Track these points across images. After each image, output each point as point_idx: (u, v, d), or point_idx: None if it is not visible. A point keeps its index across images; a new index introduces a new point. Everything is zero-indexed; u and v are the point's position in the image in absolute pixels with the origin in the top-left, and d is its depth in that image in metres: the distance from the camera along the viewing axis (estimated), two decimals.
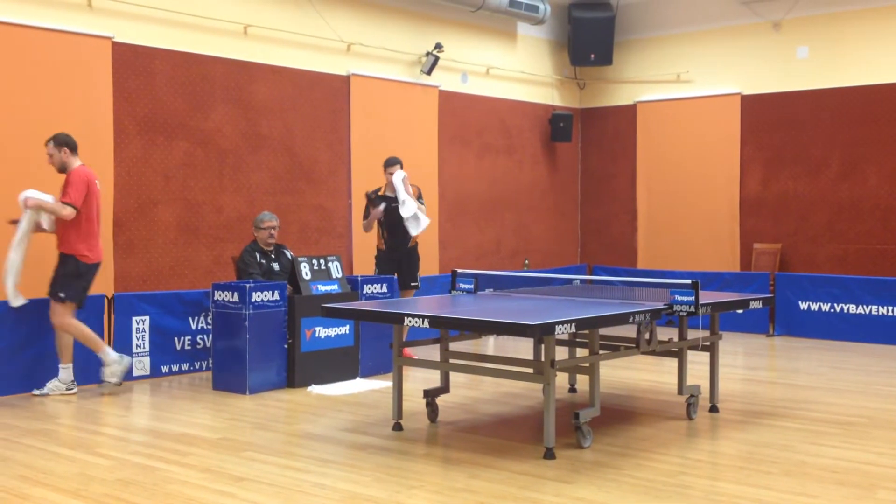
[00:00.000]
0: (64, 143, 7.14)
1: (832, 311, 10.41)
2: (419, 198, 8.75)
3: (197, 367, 8.18)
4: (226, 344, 7.37)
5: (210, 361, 7.91)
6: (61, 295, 7.05)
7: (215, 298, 7.47)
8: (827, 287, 10.47)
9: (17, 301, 7.03)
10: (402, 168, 8.72)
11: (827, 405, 6.84)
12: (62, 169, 7.14)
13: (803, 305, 10.60)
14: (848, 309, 10.30)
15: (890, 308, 10.02)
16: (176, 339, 8.05)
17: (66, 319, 7.07)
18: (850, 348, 9.77)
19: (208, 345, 8.12)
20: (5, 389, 7.07)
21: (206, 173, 9.04)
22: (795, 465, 5.16)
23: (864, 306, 10.18)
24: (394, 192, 8.63)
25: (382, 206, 8.63)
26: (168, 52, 8.74)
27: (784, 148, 11.82)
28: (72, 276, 7.08)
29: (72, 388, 7.16)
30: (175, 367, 8.04)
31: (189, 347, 8.13)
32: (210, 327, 8.01)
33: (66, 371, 7.18)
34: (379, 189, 8.84)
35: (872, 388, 7.54)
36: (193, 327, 8.15)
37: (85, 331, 7.14)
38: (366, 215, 8.80)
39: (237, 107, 9.30)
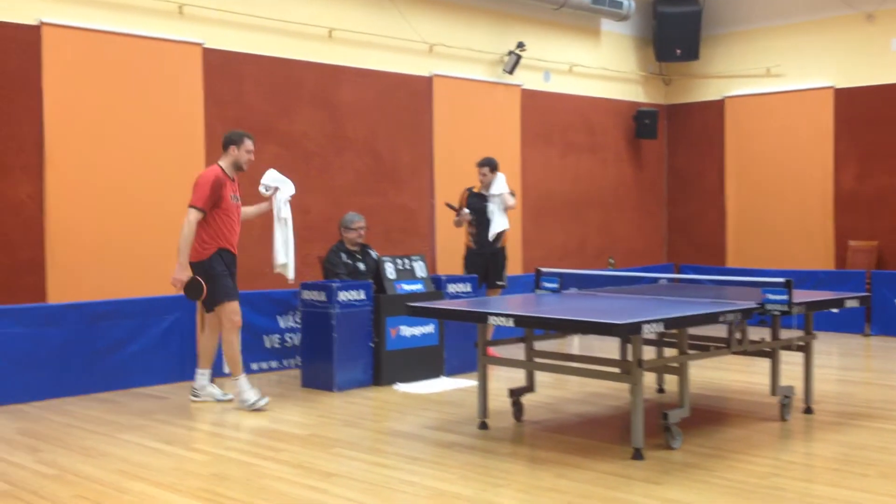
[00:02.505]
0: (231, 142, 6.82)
1: None
2: (511, 194, 8.83)
3: (285, 364, 8.34)
4: (314, 342, 7.50)
5: (298, 359, 8.06)
6: None
7: (303, 297, 7.61)
8: None
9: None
10: (493, 169, 8.74)
11: None
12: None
13: None
14: None
15: None
16: (265, 337, 8.23)
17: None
18: None
19: (296, 343, 8.28)
20: (104, 385, 7.34)
21: (292, 175, 9.10)
22: (892, 468, 4.99)
23: None
24: (487, 191, 8.68)
25: (466, 212, 8.67)
26: (256, 57, 8.94)
27: (879, 142, 11.42)
28: None
29: (227, 396, 6.97)
30: (265, 365, 8.22)
31: (278, 346, 8.30)
32: (298, 326, 8.16)
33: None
34: (473, 187, 8.88)
35: None
36: (282, 326, 8.32)
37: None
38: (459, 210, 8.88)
39: (322, 109, 9.45)
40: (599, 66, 12.36)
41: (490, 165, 8.76)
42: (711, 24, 12.74)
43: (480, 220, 8.72)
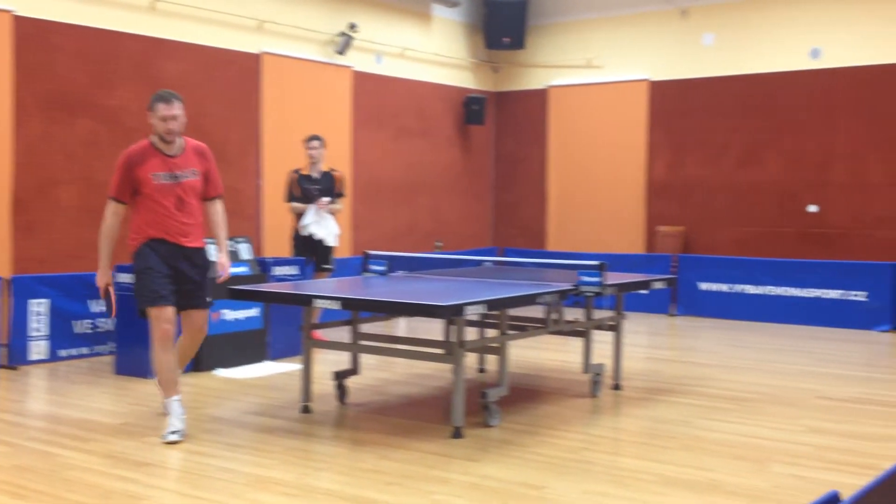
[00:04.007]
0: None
1: (731, 291, 10.79)
2: (342, 188, 8.72)
3: (97, 351, 7.98)
4: (128, 327, 7.21)
5: (112, 345, 7.74)
6: (210, 299, 5.73)
7: (118, 281, 7.29)
8: (726, 268, 10.85)
9: None
10: (322, 143, 8.62)
11: (724, 382, 7.10)
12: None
13: (703, 286, 10.95)
14: (745, 289, 10.69)
15: (785, 288, 10.43)
16: (76, 322, 7.84)
17: None
18: (748, 327, 10.14)
19: (110, 328, 7.94)
20: None
21: (111, 152, 8.78)
22: (693, 440, 5.35)
23: (761, 287, 10.58)
24: (317, 174, 8.59)
25: (326, 200, 8.52)
26: (72, 27, 8.46)
27: (689, 134, 12.15)
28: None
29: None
30: (74, 352, 7.83)
31: (90, 331, 7.93)
32: None
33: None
34: (301, 168, 8.74)
35: (768, 366, 7.85)
36: (94, 310, 7.95)
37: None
38: (290, 197, 8.67)
39: (144, 84, 9.05)
40: (431, 52, 12.49)
41: (322, 140, 8.67)
42: (537, 15, 13.13)
43: (310, 203, 8.61)
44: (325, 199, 8.50)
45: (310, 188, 8.57)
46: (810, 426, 5.71)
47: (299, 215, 8.62)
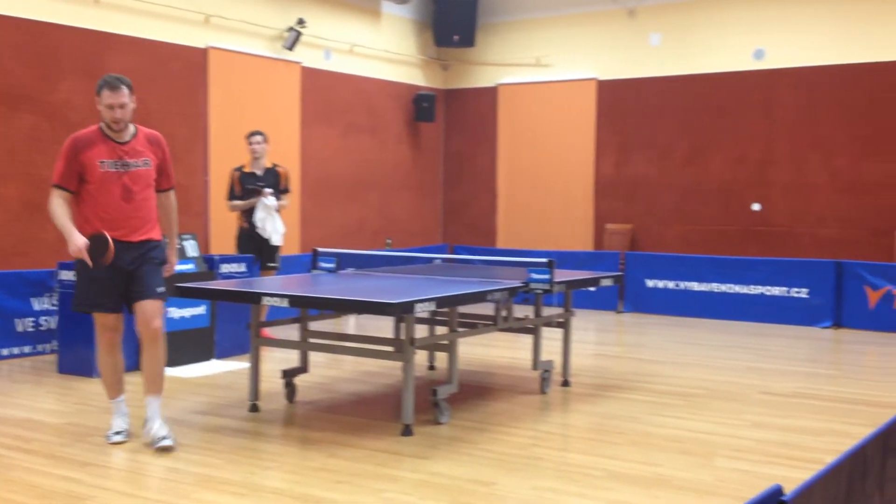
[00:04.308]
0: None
1: (677, 288, 10.95)
2: (287, 184, 8.64)
3: (40, 350, 7.81)
4: (72, 325, 7.07)
5: (55, 344, 7.58)
6: (162, 290, 5.21)
7: (61, 278, 7.15)
8: (672, 266, 11.00)
9: None
10: (265, 138, 8.53)
11: (671, 378, 7.20)
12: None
13: (650, 283, 11.10)
14: (691, 286, 10.86)
15: (730, 285, 10.62)
16: (18, 321, 7.66)
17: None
18: (693, 324, 10.30)
19: (53, 326, 7.77)
20: None
21: (53, 148, 8.57)
22: (641, 436, 5.41)
23: (707, 284, 10.75)
24: (260, 171, 8.50)
25: (269, 200, 8.41)
26: (13, 20, 8.26)
27: (636, 132, 12.29)
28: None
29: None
30: (17, 350, 7.66)
31: (32, 329, 7.76)
32: (55, 308, 7.67)
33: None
34: (243, 166, 8.64)
35: (713, 362, 7.98)
36: (36, 308, 7.78)
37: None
38: (231, 195, 8.57)
39: (88, 79, 8.86)
40: (380, 48, 12.45)
41: (265, 136, 8.57)
42: (487, 13, 13.17)
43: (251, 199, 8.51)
44: (269, 191, 8.40)
45: (254, 185, 8.47)
46: (754, 421, 5.82)
47: (244, 213, 8.52)
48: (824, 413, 6.07)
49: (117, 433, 5.10)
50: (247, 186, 8.47)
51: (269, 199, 8.35)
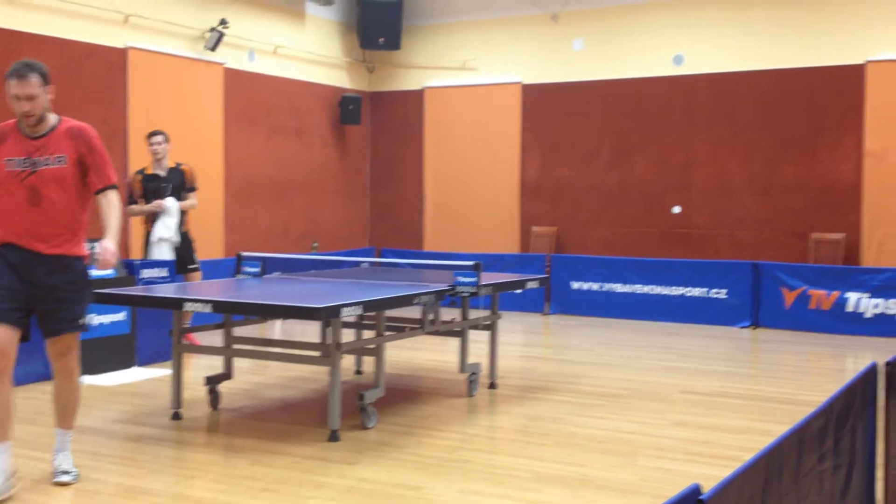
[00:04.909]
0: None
1: (601, 290, 11.12)
2: (193, 182, 8.47)
3: None
4: None
5: None
6: (84, 322, 4.58)
7: None
8: (596, 268, 11.17)
9: None
10: (165, 138, 8.35)
11: (595, 379, 7.31)
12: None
13: (575, 285, 11.25)
14: (615, 288, 11.05)
15: (652, 287, 10.83)
16: None
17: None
18: (617, 325, 10.48)
19: None
20: None
21: None
22: (565, 436, 5.48)
23: (630, 285, 10.95)
24: (163, 171, 8.32)
25: (167, 202, 8.22)
26: None
27: (561, 136, 12.45)
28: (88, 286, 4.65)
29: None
30: None
31: None
32: None
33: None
34: (145, 168, 8.44)
35: (635, 363, 8.13)
36: None
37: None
38: (130, 200, 8.37)
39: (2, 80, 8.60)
40: (304, 50, 12.35)
41: (165, 135, 8.39)
42: (413, 16, 13.17)
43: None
44: (166, 203, 8.21)
45: (159, 187, 8.27)
46: (675, 420, 5.94)
47: (149, 218, 8.31)
48: (743, 411, 6.24)
49: (7, 489, 4.20)
50: (150, 187, 8.27)
51: (171, 208, 8.20)
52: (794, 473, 2.73)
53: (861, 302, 9.78)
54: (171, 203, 8.22)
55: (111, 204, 4.55)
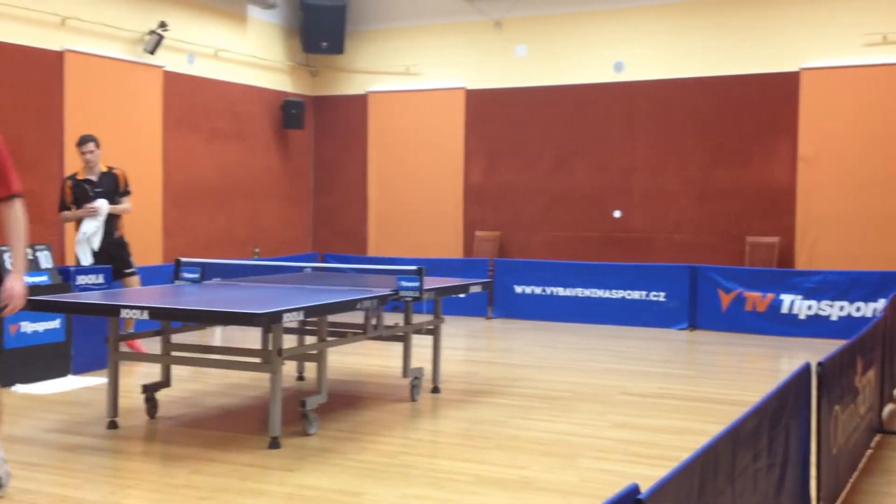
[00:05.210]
0: None
1: (543, 293, 11.21)
2: (126, 186, 8.32)
3: None
4: None
5: None
6: None
7: None
8: (538, 272, 11.26)
9: None
10: (97, 143, 8.19)
11: (537, 381, 7.36)
12: None
13: (518, 289, 11.32)
14: (557, 291, 11.14)
15: (593, 290, 10.95)
16: None
17: None
18: (559, 328, 10.57)
19: None
20: None
21: None
22: (508, 439, 5.51)
23: (571, 289, 11.06)
24: (95, 176, 8.16)
25: (98, 204, 8.05)
26: None
27: (504, 141, 12.52)
28: None
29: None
30: None
31: None
32: None
33: None
34: (76, 174, 8.28)
35: (577, 365, 8.21)
36: None
37: None
38: (62, 206, 8.19)
39: None
40: (246, 53, 12.23)
41: (96, 141, 8.24)
42: (356, 20, 13.14)
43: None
44: (97, 205, 8.08)
45: (92, 193, 8.11)
46: (615, 421, 6.01)
47: (78, 223, 8.16)
48: (681, 412, 6.34)
49: None
50: (80, 192, 8.11)
51: (103, 209, 8.04)
52: (729, 472, 2.78)
53: (795, 304, 10.02)
54: (100, 204, 8.06)
55: (14, 217, 4.22)
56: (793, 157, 11.07)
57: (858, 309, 9.77)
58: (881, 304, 9.07)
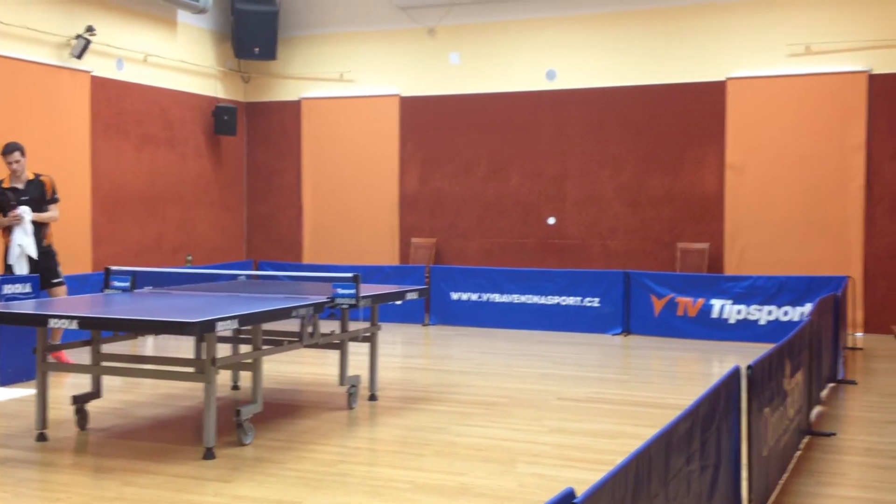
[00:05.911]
0: None
1: (479, 300, 11.27)
2: (53, 193, 8.11)
3: None
4: None
5: None
6: None
7: None
8: (474, 278, 11.32)
9: None
10: (22, 152, 7.98)
11: (474, 388, 7.39)
12: None
13: (455, 296, 11.35)
14: (493, 298, 11.21)
15: (528, 296, 11.05)
16: None
17: None
18: (496, 334, 10.63)
19: None
20: None
21: None
22: (445, 446, 5.52)
23: (507, 295, 11.13)
24: (21, 184, 7.95)
25: (21, 211, 7.83)
26: None
27: (439, 148, 12.57)
28: None
29: None
30: None
31: None
32: None
33: None
34: (1, 182, 8.05)
35: (513, 371, 8.26)
36: None
37: None
38: None
39: None
40: (176, 58, 12.04)
41: (21, 149, 8.02)
42: (289, 26, 13.05)
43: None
44: (21, 211, 7.86)
45: (14, 202, 7.89)
46: (551, 426, 6.07)
47: (6, 231, 7.94)
48: (615, 416, 6.43)
49: None
50: (6, 200, 7.90)
51: (25, 217, 7.83)
52: (663, 475, 2.84)
53: (725, 308, 10.25)
54: (22, 211, 7.84)
55: None
56: (721, 164, 11.35)
57: (786, 313, 10.04)
58: (808, 308, 9.33)
